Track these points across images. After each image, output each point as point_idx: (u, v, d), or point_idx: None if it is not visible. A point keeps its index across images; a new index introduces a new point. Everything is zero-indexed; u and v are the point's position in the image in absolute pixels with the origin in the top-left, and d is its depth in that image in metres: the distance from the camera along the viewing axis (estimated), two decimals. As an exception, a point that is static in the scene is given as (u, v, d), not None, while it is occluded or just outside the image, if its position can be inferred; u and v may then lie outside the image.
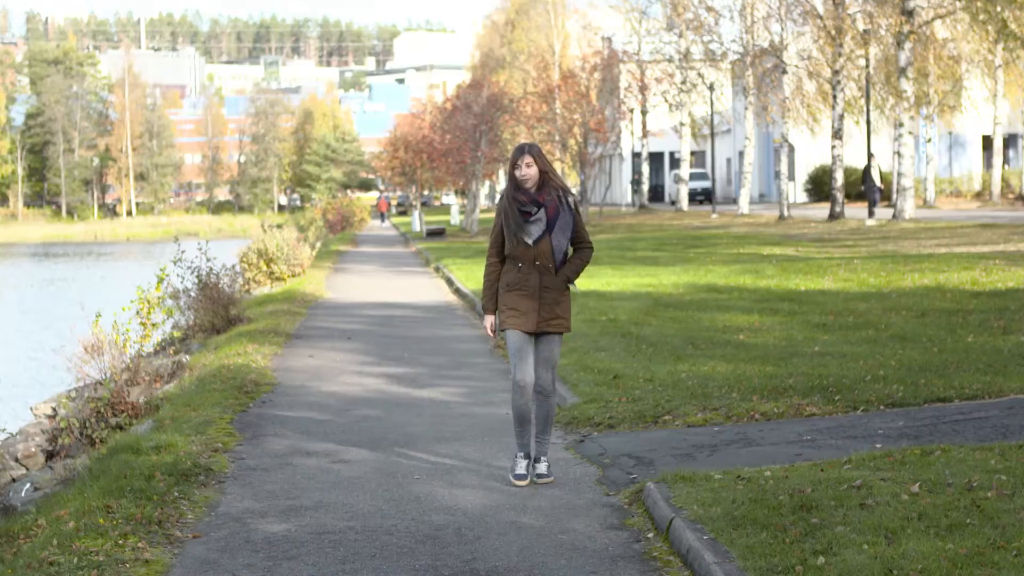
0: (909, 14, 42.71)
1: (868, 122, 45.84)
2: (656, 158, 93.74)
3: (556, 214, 9.43)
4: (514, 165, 9.44)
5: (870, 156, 47.59)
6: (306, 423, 12.61)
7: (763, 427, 10.99)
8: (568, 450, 10.92)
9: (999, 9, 42.76)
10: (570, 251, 9.69)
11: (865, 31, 45.44)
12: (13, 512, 10.98)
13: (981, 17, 44.17)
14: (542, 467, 9.74)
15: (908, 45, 42.94)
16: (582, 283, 24.61)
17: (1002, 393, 11.62)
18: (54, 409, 19.45)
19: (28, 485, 13.41)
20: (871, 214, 44.38)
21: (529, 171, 9.42)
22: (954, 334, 15.46)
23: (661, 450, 10.44)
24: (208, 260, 23.71)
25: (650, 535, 8.23)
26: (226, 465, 10.61)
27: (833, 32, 46.98)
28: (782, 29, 52.52)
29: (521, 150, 9.43)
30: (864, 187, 47.57)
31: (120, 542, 8.12)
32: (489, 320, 9.71)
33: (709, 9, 60.49)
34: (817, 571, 6.77)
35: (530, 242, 9.40)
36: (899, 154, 43.66)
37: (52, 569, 7.57)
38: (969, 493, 8.04)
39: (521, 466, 9.73)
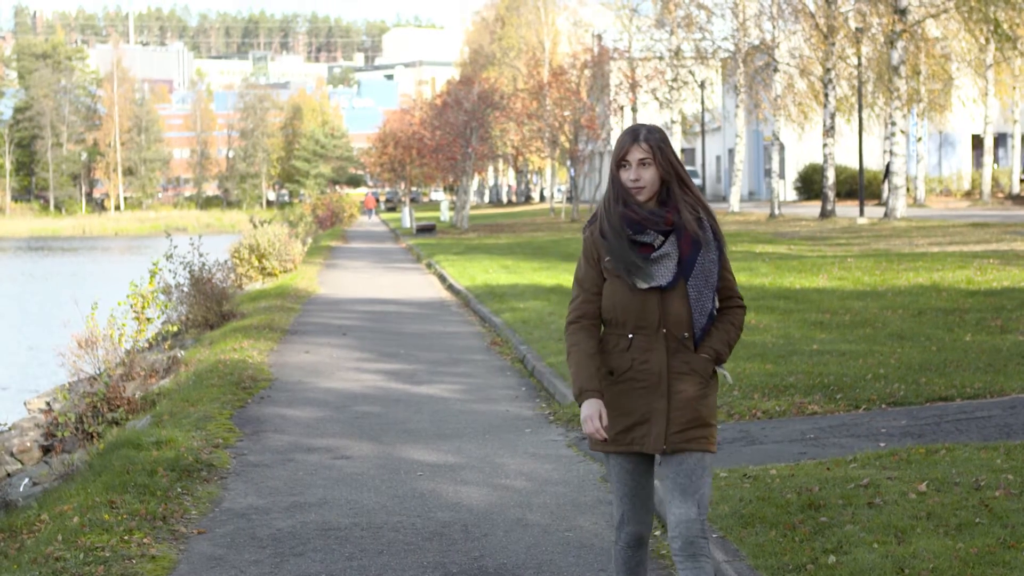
0: (902, 12, 42.74)
1: (860, 120, 45.87)
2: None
3: (695, 247, 5.51)
4: (620, 162, 5.57)
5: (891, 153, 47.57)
6: (306, 419, 12.57)
7: (765, 425, 10.97)
8: (571, 447, 10.89)
9: (992, 9, 42.82)
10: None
11: (858, 29, 45.47)
12: (14, 507, 10.92)
13: (974, 17, 44.24)
14: None
15: (901, 44, 42.97)
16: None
17: (1003, 392, 11.62)
18: (48, 404, 19.38)
19: (27, 480, 13.36)
20: (862, 212, 44.43)
21: (644, 173, 5.50)
22: (952, 333, 15.46)
23: (664, 448, 10.40)
24: (201, 255, 23.64)
25: (657, 532, 8.21)
26: (228, 461, 10.58)
27: (825, 30, 47.00)
28: (774, 27, 52.53)
29: (633, 136, 5.54)
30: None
31: (125, 538, 8.09)
32: (596, 406, 5.45)
33: (700, 6, 60.48)
34: (829, 570, 6.76)
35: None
36: (891, 153, 43.68)
37: (58, 564, 7.53)
38: (977, 492, 8.04)
39: None
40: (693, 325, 5.52)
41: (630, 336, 5.49)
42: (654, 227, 5.48)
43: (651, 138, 5.51)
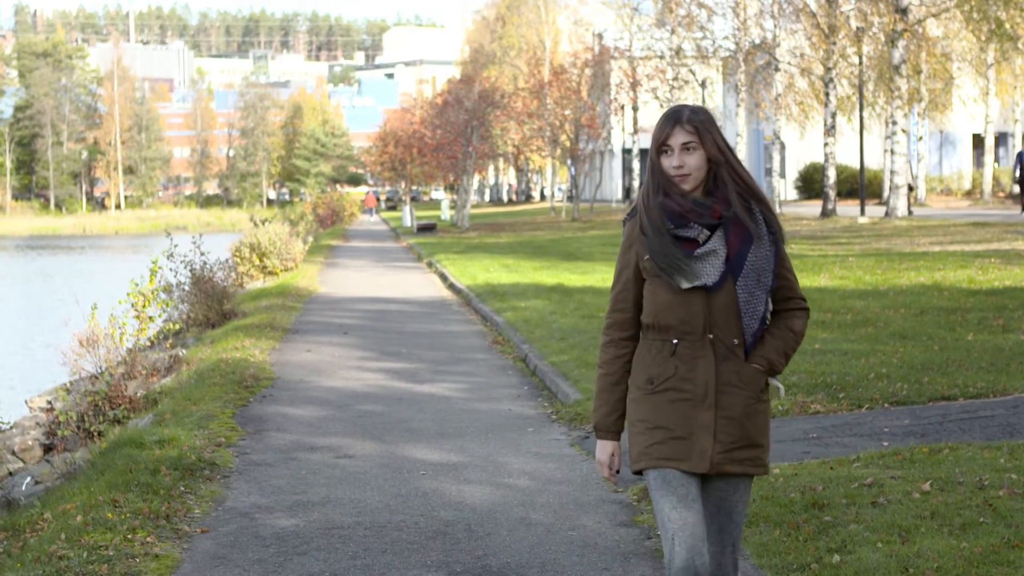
0: (903, 12, 42.72)
1: (861, 120, 45.86)
2: (647, 155, 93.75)
3: (746, 241, 4.91)
4: (660, 147, 4.98)
5: (892, 152, 47.50)
6: (308, 418, 12.56)
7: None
8: (573, 447, 10.89)
9: (993, 8, 42.81)
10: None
11: (859, 28, 45.45)
12: (16, 506, 10.92)
13: (975, 16, 44.23)
14: None
15: (901, 43, 42.96)
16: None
17: (1006, 392, 11.61)
18: (49, 402, 19.39)
19: (29, 479, 13.35)
20: (863, 211, 44.42)
21: (688, 159, 4.90)
22: (954, 332, 15.44)
23: (667, 447, 10.39)
24: (202, 254, 23.65)
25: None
26: (230, 460, 10.56)
27: (826, 29, 46.99)
28: (775, 26, 52.50)
29: (675, 117, 4.95)
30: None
31: (129, 536, 8.07)
32: (609, 449, 5.07)
33: (701, 5, 60.45)
34: (833, 569, 6.75)
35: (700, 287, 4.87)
36: (892, 152, 43.68)
37: (61, 563, 7.51)
38: (980, 492, 8.03)
39: None
40: (743, 329, 4.85)
41: (674, 342, 4.85)
42: (699, 220, 4.83)
43: (695, 119, 4.88)
